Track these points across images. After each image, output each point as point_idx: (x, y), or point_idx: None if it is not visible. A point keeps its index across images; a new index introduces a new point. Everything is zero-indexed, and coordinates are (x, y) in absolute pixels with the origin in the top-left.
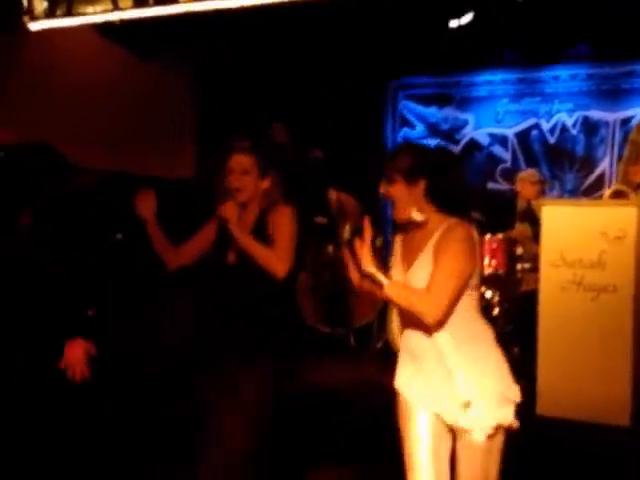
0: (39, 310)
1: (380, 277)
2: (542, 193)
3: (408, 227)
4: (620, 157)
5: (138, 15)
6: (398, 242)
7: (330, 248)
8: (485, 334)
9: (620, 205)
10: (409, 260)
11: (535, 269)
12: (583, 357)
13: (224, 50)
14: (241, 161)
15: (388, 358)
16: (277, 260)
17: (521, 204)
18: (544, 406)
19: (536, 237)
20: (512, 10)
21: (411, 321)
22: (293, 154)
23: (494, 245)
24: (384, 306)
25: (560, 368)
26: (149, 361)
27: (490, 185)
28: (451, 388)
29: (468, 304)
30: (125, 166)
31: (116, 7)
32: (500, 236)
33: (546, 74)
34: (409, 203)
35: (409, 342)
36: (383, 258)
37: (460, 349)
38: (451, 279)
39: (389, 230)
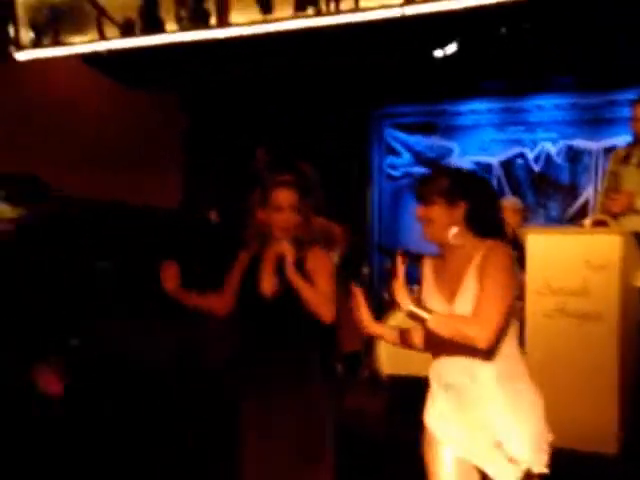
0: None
1: (422, 313)
2: (525, 221)
3: (439, 252)
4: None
5: (124, 45)
6: (428, 268)
7: None
8: (525, 370)
9: (604, 233)
10: (450, 288)
11: (521, 297)
12: (570, 384)
13: (210, 79)
14: (288, 197)
15: (375, 386)
16: (326, 304)
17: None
18: None
19: (521, 264)
20: (496, 40)
21: (452, 353)
22: (323, 199)
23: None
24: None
25: (547, 396)
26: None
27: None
28: (485, 428)
29: (513, 333)
30: (111, 195)
31: (102, 37)
32: None
33: (530, 103)
34: (445, 226)
35: (446, 376)
36: (371, 286)
37: (503, 386)
38: (499, 301)
39: (375, 257)
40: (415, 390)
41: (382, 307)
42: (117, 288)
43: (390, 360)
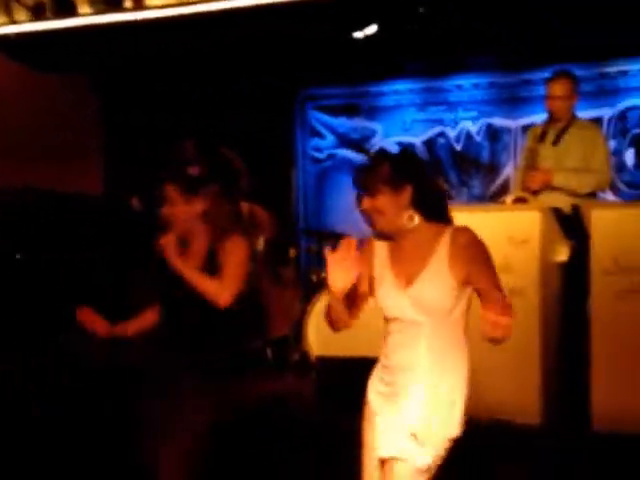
0: None
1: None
2: (448, 199)
3: (389, 238)
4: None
5: (34, 28)
6: (382, 251)
7: None
8: (463, 352)
9: (524, 209)
10: (407, 272)
11: None
12: (494, 357)
13: (125, 59)
14: (172, 191)
15: (306, 370)
16: (221, 289)
17: None
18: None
19: None
20: (415, 20)
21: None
22: (248, 181)
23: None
24: (300, 317)
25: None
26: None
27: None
28: (403, 417)
29: (465, 308)
30: (28, 182)
31: (12, 21)
32: None
33: (450, 83)
34: (394, 214)
35: (400, 358)
36: (298, 268)
37: (435, 366)
38: (498, 280)
39: (302, 240)
40: (344, 371)
41: (310, 289)
42: (32, 280)
43: (319, 342)
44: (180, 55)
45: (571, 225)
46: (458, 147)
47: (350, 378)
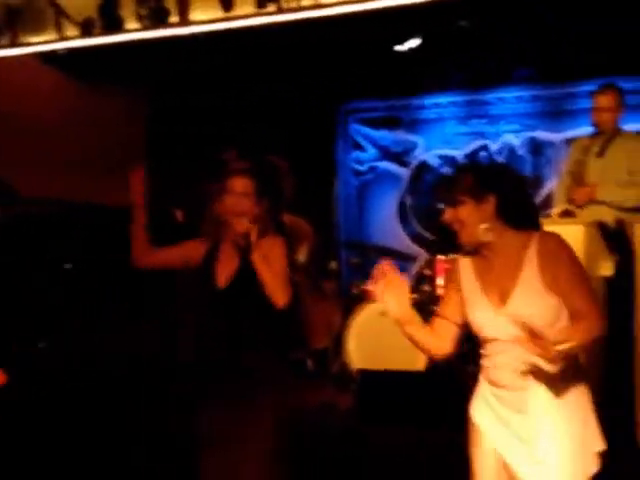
0: None
1: (565, 347)
2: None
3: (472, 252)
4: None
5: (84, 44)
6: (468, 269)
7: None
8: (580, 379)
9: (569, 223)
10: (500, 289)
11: None
12: None
13: (172, 74)
14: (243, 183)
15: (345, 381)
16: (281, 287)
17: None
18: None
19: None
20: (457, 34)
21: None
22: (292, 189)
23: (447, 266)
24: (340, 330)
25: None
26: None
27: (441, 206)
28: (529, 440)
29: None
30: (73, 194)
31: (62, 37)
32: (453, 256)
33: (492, 96)
34: (477, 226)
35: (502, 378)
36: (339, 281)
37: (555, 403)
38: (589, 286)
39: (342, 253)
40: (384, 384)
41: (351, 301)
42: (81, 290)
43: (360, 354)
44: (223, 67)
45: (616, 239)
46: (500, 160)
47: (390, 391)
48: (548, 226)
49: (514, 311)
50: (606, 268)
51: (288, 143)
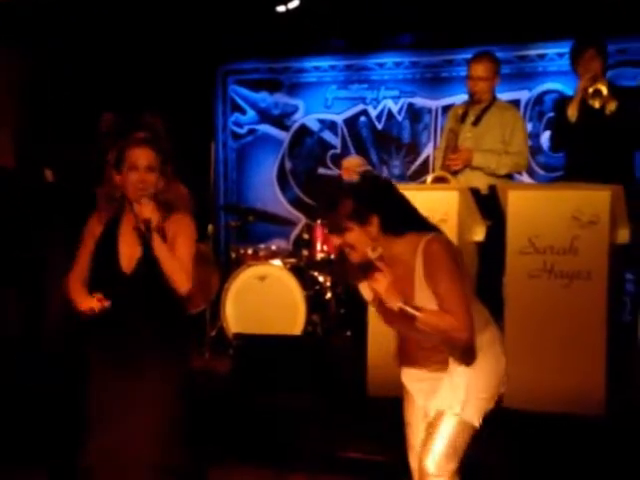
0: None
1: (412, 310)
2: None
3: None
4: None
5: None
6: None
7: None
8: (490, 342)
9: (442, 189)
10: (404, 296)
11: None
12: None
13: (46, 32)
14: (146, 156)
15: (223, 346)
16: (183, 274)
17: None
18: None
19: None
20: None
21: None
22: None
23: (326, 230)
24: (217, 294)
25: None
26: None
27: (321, 170)
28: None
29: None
30: None
31: None
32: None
33: (372, 61)
34: (366, 245)
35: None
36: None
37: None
38: (457, 291)
39: (221, 216)
40: (261, 348)
41: (229, 265)
42: None
43: (237, 319)
44: (98, 27)
45: (488, 205)
46: (379, 126)
47: (266, 355)
48: (424, 192)
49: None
50: (478, 233)
51: (165, 105)
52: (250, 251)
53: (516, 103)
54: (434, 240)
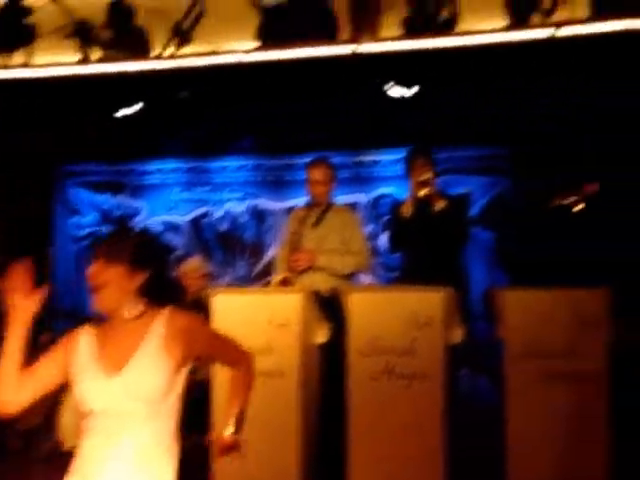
0: None
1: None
2: (210, 281)
3: (103, 320)
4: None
5: None
6: (88, 339)
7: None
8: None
9: (285, 292)
10: (117, 357)
11: None
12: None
13: None
14: None
15: (59, 459)
16: None
17: (190, 295)
18: None
19: None
20: (179, 103)
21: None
22: None
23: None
24: (52, 405)
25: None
26: None
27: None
28: None
29: (180, 392)
30: None
31: None
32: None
33: (214, 165)
34: (122, 293)
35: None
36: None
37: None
38: (228, 338)
39: (58, 323)
40: None
41: None
42: None
43: (73, 431)
44: None
45: (330, 308)
46: (223, 228)
47: None
48: (268, 294)
49: (128, 379)
50: (321, 335)
51: (4, 209)
52: None
53: (354, 206)
54: (185, 314)
